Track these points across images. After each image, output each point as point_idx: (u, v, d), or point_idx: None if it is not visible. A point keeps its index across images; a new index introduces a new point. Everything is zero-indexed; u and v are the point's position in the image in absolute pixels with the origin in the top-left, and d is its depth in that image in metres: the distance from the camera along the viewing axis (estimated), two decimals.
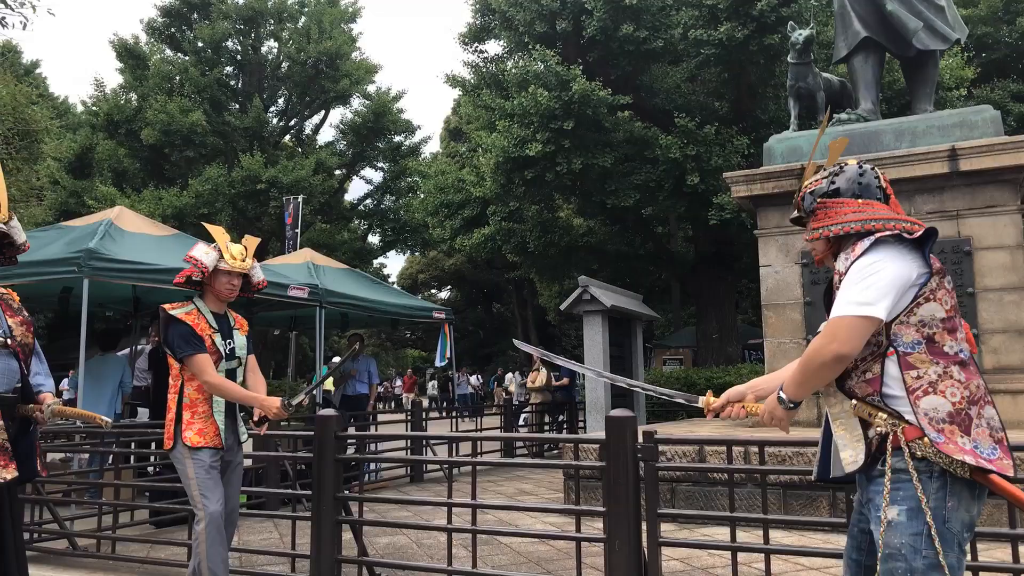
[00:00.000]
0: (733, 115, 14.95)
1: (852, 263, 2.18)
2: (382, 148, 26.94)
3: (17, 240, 3.38)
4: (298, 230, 20.60)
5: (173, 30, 25.94)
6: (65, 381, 18.61)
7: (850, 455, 2.22)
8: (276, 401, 3.80)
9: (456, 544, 4.81)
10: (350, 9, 27.27)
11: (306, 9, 26.47)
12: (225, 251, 3.90)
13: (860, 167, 2.39)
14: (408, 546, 5.89)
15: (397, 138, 27.11)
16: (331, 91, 25.56)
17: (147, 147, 23.77)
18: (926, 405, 2.09)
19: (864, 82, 8.44)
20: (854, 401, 2.20)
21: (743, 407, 2.46)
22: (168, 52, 26.08)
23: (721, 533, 5.23)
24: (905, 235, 2.17)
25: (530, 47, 14.55)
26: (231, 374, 3.93)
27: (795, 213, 2.53)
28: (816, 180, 2.44)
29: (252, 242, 4.11)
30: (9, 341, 3.24)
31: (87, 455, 7.53)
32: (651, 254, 17.83)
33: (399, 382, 36.22)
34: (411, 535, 6.19)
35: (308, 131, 28.53)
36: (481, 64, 17.41)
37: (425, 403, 25.21)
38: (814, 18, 11.79)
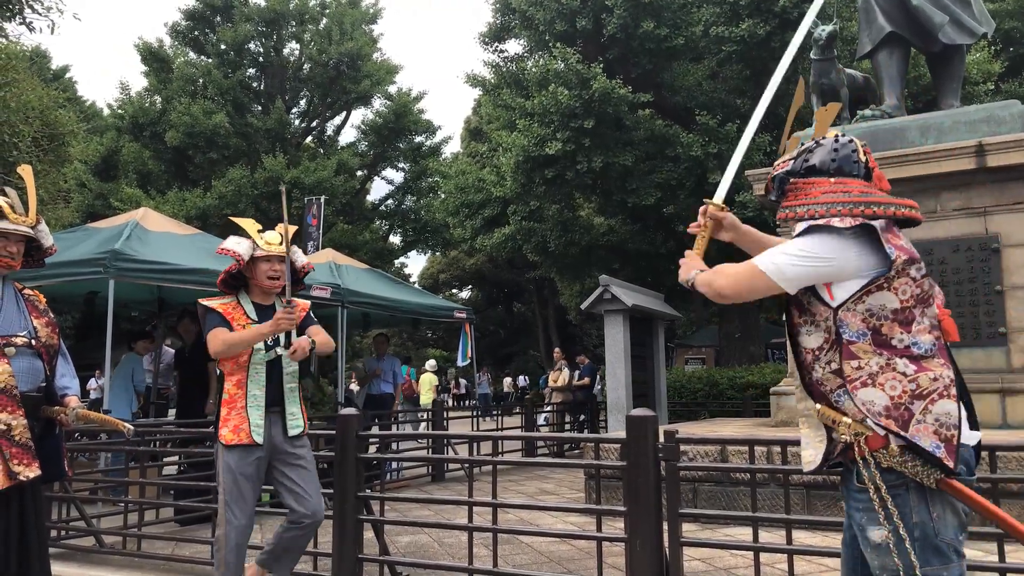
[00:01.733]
0: None
1: (793, 238, 2.14)
2: (403, 148, 27.09)
3: (45, 243, 3.44)
4: (320, 230, 20.75)
5: (196, 33, 26.27)
6: (92, 381, 18.85)
7: (810, 455, 2.16)
8: (281, 313, 3.61)
9: (477, 543, 4.82)
10: (371, 10, 27.43)
11: (327, 11, 26.67)
12: (258, 238, 3.76)
13: (836, 140, 2.21)
14: (429, 545, 5.90)
15: (418, 138, 27.25)
16: (352, 92, 25.74)
17: (171, 149, 24.11)
18: (863, 397, 2.00)
19: (889, 78, 8.33)
20: (818, 406, 2.10)
21: (704, 232, 2.41)
22: (191, 55, 26.41)
23: (743, 533, 5.19)
24: (863, 221, 2.01)
25: (550, 46, 14.54)
26: (273, 365, 3.77)
27: (765, 194, 2.39)
28: (784, 161, 2.29)
29: (288, 228, 3.83)
30: (34, 342, 3.29)
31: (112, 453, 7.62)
32: (673, 253, 17.72)
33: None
34: (432, 534, 6.21)
35: (330, 132, 28.76)
36: (501, 63, 17.44)
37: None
38: (837, 13, 11.68)
